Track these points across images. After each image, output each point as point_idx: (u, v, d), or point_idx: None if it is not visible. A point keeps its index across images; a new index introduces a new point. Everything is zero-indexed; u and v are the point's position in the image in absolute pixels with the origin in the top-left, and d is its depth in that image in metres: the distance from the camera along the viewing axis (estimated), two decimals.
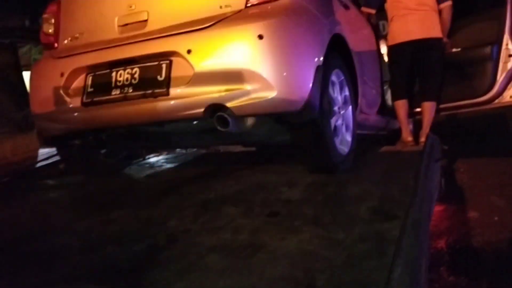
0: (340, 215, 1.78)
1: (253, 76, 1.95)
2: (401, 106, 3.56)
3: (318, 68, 2.11)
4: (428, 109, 3.54)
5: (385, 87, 3.95)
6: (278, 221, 1.77)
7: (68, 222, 2.09)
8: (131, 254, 1.59)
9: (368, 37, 3.51)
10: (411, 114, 3.72)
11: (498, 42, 3.58)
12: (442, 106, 3.75)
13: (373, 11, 3.62)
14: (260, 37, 1.95)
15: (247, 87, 1.96)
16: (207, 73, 2.01)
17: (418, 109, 3.66)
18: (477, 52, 3.69)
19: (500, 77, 3.58)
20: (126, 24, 2.26)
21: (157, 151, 3.84)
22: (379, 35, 3.93)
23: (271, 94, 1.95)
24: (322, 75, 2.15)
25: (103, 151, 2.96)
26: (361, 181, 2.25)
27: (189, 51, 2.02)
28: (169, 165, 3.48)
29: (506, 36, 3.55)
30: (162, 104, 2.08)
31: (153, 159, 3.71)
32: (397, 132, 3.65)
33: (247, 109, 2.00)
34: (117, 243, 1.71)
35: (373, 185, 2.14)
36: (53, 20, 2.50)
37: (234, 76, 1.97)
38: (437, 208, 2.67)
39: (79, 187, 2.83)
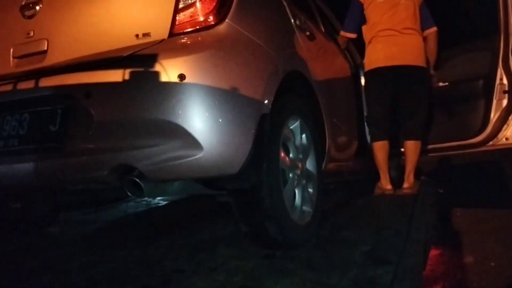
0: (334, 259, 1.74)
1: (172, 130, 1.44)
2: (380, 148, 3.08)
3: (263, 118, 1.61)
4: (411, 149, 3.09)
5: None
6: (272, 263, 1.73)
7: (61, 260, 2.06)
8: None
9: (340, 70, 3.03)
10: (394, 155, 3.28)
11: (491, 76, 3.16)
12: (429, 147, 3.35)
13: (353, 35, 3.17)
14: (181, 77, 1.44)
15: (165, 143, 1.45)
16: (111, 124, 1.50)
17: (402, 149, 3.21)
18: (467, 87, 3.29)
19: (494, 116, 3.16)
20: (23, 56, 1.76)
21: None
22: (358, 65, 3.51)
23: (197, 153, 1.44)
24: (270, 126, 1.65)
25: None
26: (355, 225, 2.26)
27: (87, 95, 1.52)
28: (165, 203, 3.51)
29: (499, 69, 3.13)
30: (55, 163, 1.57)
31: None
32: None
33: (165, 172, 1.49)
34: (110, 282, 1.67)
35: (367, 229, 2.13)
36: None
37: (147, 129, 1.47)
38: (433, 253, 2.64)
39: (72, 224, 2.80)
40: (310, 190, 2.00)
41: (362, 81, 3.46)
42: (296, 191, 1.90)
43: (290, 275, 1.57)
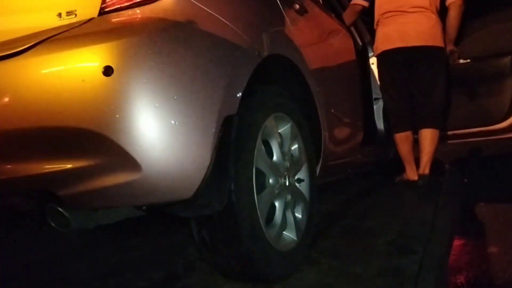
0: (358, 248, 1.76)
1: (98, 143, 1.06)
2: (404, 140, 2.89)
3: (227, 121, 1.22)
4: (428, 138, 2.86)
5: (375, 106, 3.22)
6: None
7: (86, 248, 2.11)
8: (149, 281, 1.58)
9: (342, 51, 2.60)
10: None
11: None
12: (448, 133, 3.07)
13: (366, 3, 2.94)
14: (107, 70, 1.05)
15: (89, 162, 1.08)
16: (20, 137, 1.13)
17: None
18: (492, 64, 2.98)
19: None
20: None
21: None
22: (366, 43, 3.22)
23: (133, 175, 1.07)
24: (239, 131, 1.26)
25: None
26: (378, 214, 2.27)
27: None
28: None
29: None
30: None
31: None
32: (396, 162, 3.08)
33: (92, 199, 1.13)
34: (136, 269, 1.71)
35: (391, 218, 2.14)
36: None
37: (65, 143, 1.09)
38: (457, 243, 2.53)
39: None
40: (300, 207, 1.61)
41: (371, 61, 3.19)
42: (279, 210, 1.49)
43: (314, 264, 1.56)
